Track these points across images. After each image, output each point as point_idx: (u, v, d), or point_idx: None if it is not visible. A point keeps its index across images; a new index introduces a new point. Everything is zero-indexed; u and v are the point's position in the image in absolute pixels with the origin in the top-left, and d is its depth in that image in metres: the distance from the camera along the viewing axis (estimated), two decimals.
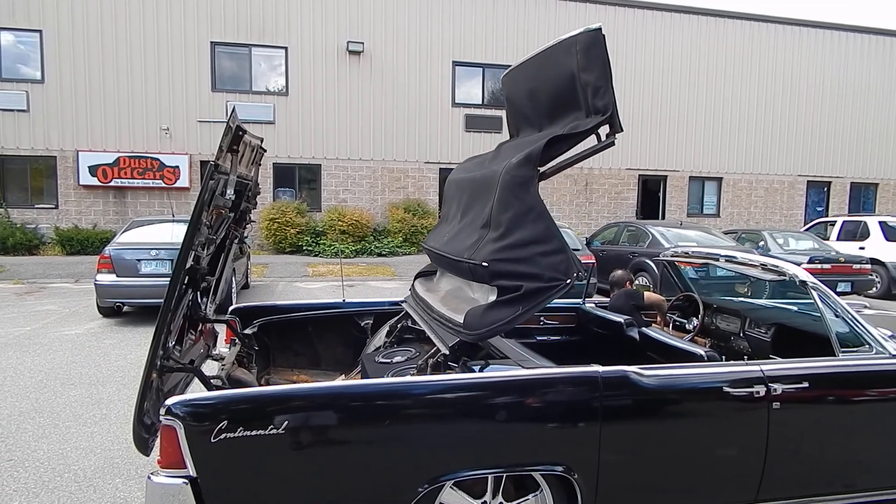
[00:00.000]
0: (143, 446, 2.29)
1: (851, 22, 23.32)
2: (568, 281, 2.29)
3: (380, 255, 15.64)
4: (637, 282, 9.62)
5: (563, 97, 2.50)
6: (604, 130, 2.35)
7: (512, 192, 2.36)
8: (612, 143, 2.35)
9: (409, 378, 2.40)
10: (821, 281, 2.90)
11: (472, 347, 2.71)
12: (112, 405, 4.62)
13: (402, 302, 3.65)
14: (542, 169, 2.42)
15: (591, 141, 2.40)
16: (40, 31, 14.68)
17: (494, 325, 2.29)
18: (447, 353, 2.50)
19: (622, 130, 2.33)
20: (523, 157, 2.37)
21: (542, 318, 4.13)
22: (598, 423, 2.26)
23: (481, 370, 2.40)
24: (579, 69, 2.34)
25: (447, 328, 2.57)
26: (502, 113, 12.01)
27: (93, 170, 14.89)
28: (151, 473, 2.04)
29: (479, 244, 2.49)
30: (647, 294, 4.45)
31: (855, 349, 2.76)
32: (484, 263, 2.35)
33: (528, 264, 2.30)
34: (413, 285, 3.57)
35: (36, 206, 15.18)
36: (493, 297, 2.38)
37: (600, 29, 2.32)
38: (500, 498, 2.33)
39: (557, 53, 2.50)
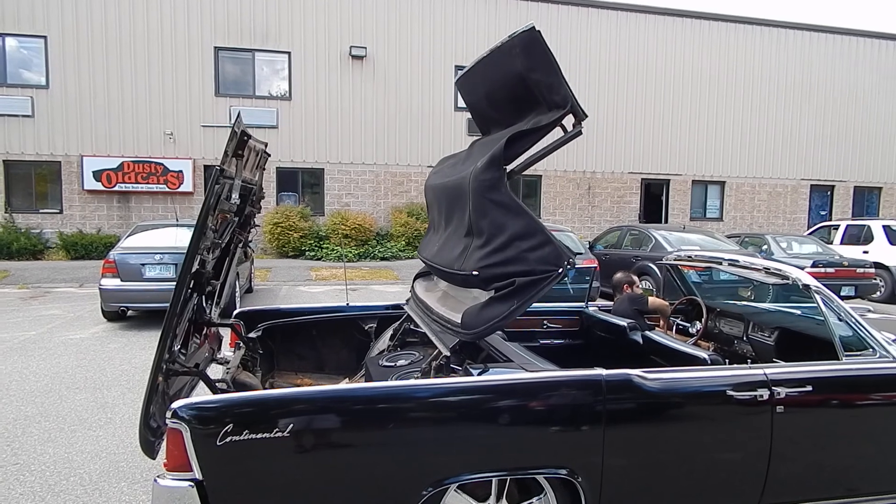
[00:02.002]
0: (149, 449, 2.31)
1: (857, 26, 23.27)
2: (560, 270, 2.30)
3: (383, 258, 15.66)
4: (640, 285, 9.60)
5: (520, 97, 2.50)
6: (569, 121, 2.34)
7: (484, 196, 2.37)
8: (580, 133, 2.33)
9: (412, 381, 2.41)
10: (824, 285, 2.89)
11: (475, 349, 2.71)
12: (117, 409, 4.64)
13: (404, 304, 3.66)
14: (509, 167, 2.41)
15: (558, 133, 2.38)
16: (45, 37, 14.79)
17: (491, 321, 2.30)
18: (448, 355, 2.51)
19: (587, 117, 2.31)
20: (487, 159, 2.37)
21: (545, 322, 4.14)
22: (601, 426, 2.27)
23: (480, 374, 2.41)
24: (526, 70, 2.35)
25: (446, 329, 2.58)
26: None
27: (97, 175, 14.98)
28: (157, 477, 2.05)
29: (466, 253, 2.51)
30: (650, 298, 4.45)
31: (858, 353, 2.76)
32: (474, 272, 2.37)
33: (517, 263, 2.31)
34: (413, 286, 3.58)
35: (40, 210, 15.26)
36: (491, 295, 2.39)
37: (534, 27, 2.33)
38: (503, 501, 2.33)
39: (501, 58, 2.50)
